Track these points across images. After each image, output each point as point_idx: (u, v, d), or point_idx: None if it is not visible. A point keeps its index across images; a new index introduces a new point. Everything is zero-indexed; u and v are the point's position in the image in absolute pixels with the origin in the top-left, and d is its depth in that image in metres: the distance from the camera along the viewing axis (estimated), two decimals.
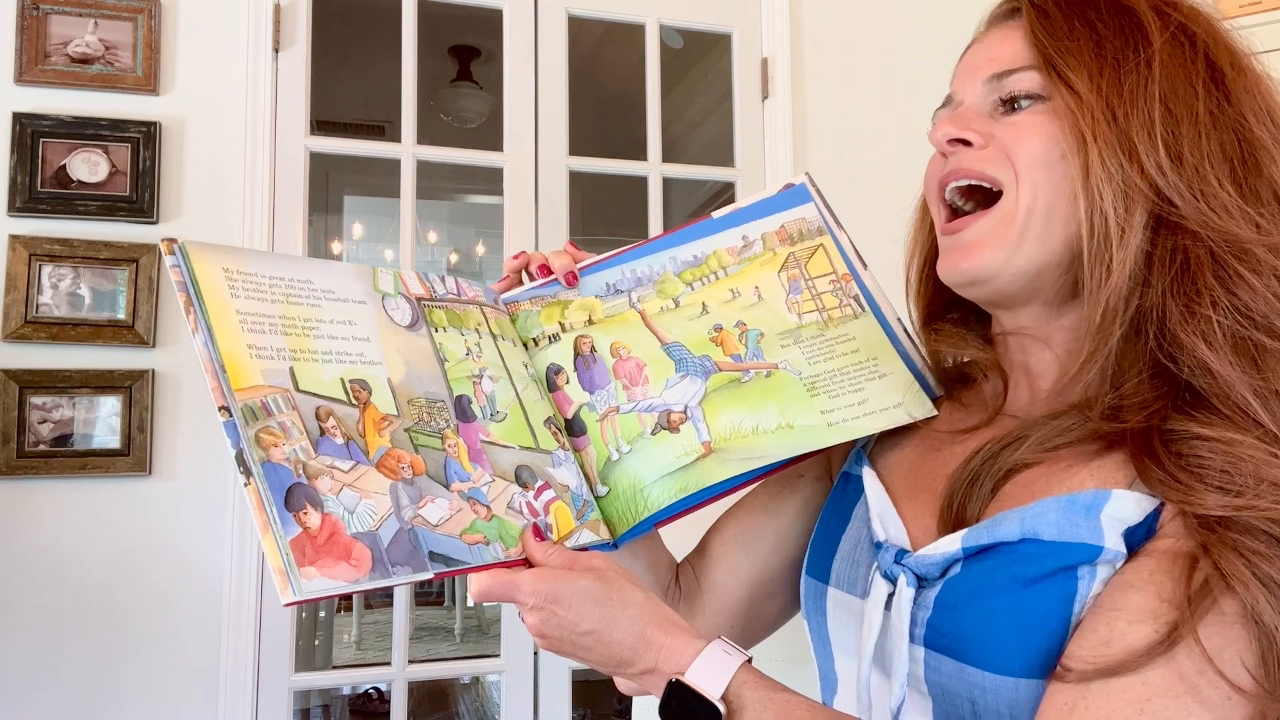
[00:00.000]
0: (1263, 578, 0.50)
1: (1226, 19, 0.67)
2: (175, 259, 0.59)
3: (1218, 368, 0.55)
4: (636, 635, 0.59)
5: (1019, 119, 0.64)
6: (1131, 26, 0.63)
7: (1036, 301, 0.66)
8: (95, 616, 1.67)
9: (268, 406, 0.57)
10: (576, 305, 0.78)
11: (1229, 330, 0.56)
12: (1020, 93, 0.64)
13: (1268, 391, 0.55)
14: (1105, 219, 0.59)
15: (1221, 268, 0.57)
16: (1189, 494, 0.53)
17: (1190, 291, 0.58)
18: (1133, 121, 0.60)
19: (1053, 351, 0.67)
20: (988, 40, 0.69)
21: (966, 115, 0.67)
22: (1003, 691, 0.56)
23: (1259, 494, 0.52)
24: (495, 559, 0.61)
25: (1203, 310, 0.57)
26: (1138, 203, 0.59)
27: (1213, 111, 0.61)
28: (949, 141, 0.67)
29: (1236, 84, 0.62)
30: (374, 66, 2.94)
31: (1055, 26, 0.64)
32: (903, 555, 0.64)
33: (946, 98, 0.71)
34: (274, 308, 0.62)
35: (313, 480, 0.56)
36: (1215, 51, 0.63)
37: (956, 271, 0.67)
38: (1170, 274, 0.59)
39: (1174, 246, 0.59)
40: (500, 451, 0.68)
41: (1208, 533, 0.52)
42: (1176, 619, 0.50)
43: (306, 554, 0.53)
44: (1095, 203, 0.60)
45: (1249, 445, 0.53)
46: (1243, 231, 0.57)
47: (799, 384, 0.74)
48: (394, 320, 0.69)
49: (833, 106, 2.17)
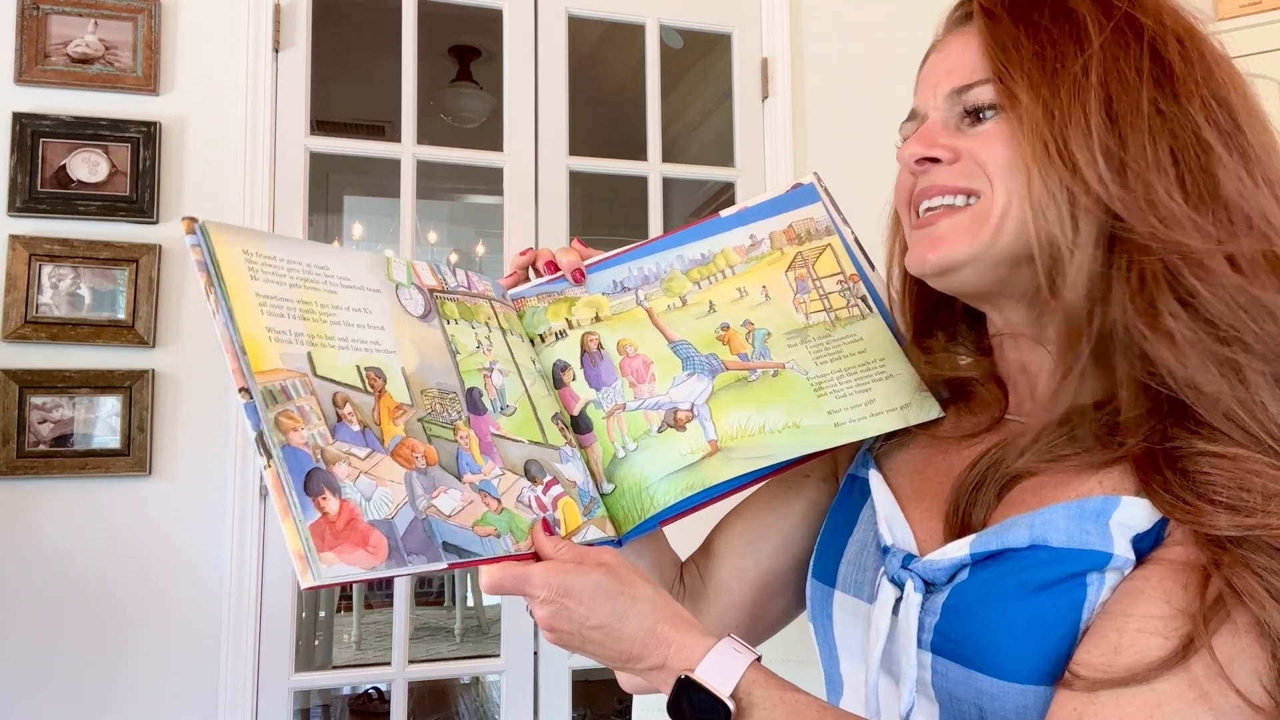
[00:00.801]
0: (1276, 594, 0.49)
1: (1226, 19, 0.65)
2: (196, 238, 0.59)
3: (1196, 379, 0.54)
4: (647, 631, 0.59)
5: (985, 129, 0.63)
6: (1072, 27, 0.60)
7: (1016, 298, 0.65)
8: (95, 616, 1.67)
9: (287, 390, 0.57)
10: (583, 302, 0.78)
11: (1195, 342, 0.55)
12: (984, 104, 0.63)
13: (1252, 402, 0.54)
14: (1054, 241, 0.58)
15: (1177, 280, 0.56)
16: (1199, 515, 0.52)
17: (1150, 306, 0.56)
18: (1071, 132, 0.58)
19: (1048, 350, 0.66)
20: (946, 49, 0.68)
21: (932, 131, 0.65)
22: (1010, 698, 0.55)
23: (1269, 512, 0.51)
24: (506, 552, 0.61)
25: (1165, 324, 0.55)
26: (1086, 220, 0.57)
27: (1160, 111, 0.58)
28: (917, 161, 0.65)
29: (1187, 77, 0.59)
30: (374, 66, 2.94)
31: (1003, 33, 0.62)
32: (910, 560, 0.64)
33: (911, 111, 0.69)
34: (292, 292, 0.61)
35: (331, 466, 0.56)
36: (1164, 42, 0.60)
37: (925, 263, 0.65)
38: (1129, 289, 0.57)
39: (1128, 261, 0.57)
40: (510, 445, 0.67)
41: (1219, 550, 0.51)
42: (1190, 631, 0.50)
43: (325, 539, 0.52)
44: (1040, 224, 0.58)
45: (1256, 461, 0.53)
46: (1193, 241, 0.55)
47: (806, 384, 0.74)
48: (407, 310, 0.69)
49: (833, 106, 2.17)
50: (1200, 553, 0.53)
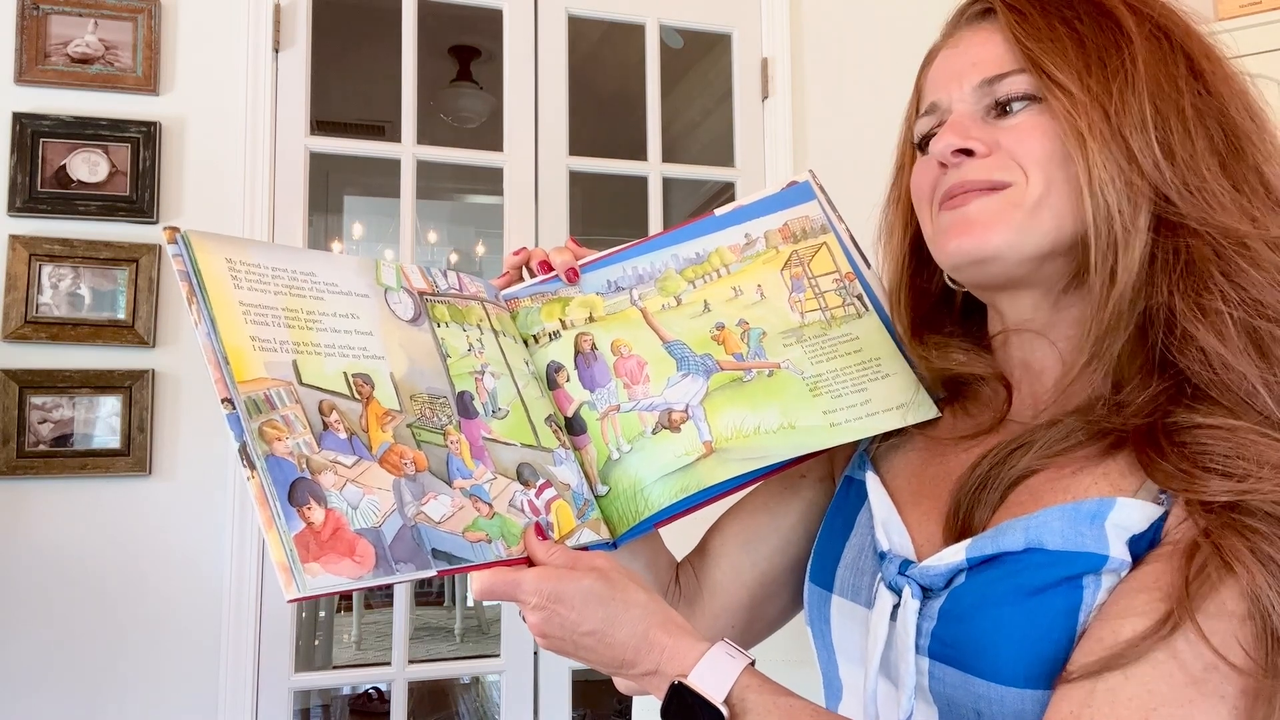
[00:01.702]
0: (1262, 557, 0.50)
1: (1226, 19, 0.67)
2: (178, 248, 0.59)
3: (1231, 360, 0.55)
4: (639, 636, 0.59)
5: (1018, 121, 0.63)
6: (1111, 25, 0.62)
7: (1040, 288, 0.65)
8: (95, 616, 1.67)
9: (271, 399, 0.56)
10: (577, 302, 0.78)
11: (1241, 323, 0.56)
12: (1015, 94, 0.63)
13: (1274, 380, 0.55)
14: (1111, 223, 0.59)
15: (1225, 263, 0.57)
16: (1193, 482, 0.53)
17: (1199, 288, 0.57)
18: (1125, 120, 0.59)
19: (1055, 346, 0.66)
20: (965, 44, 0.67)
21: (963, 123, 0.64)
22: (1008, 702, 0.55)
23: (1261, 478, 0.52)
24: (497, 557, 0.60)
25: (1214, 305, 0.56)
26: (1141, 204, 0.58)
27: (1195, 104, 0.60)
28: (953, 153, 0.64)
29: (1214, 75, 0.62)
30: (374, 66, 2.95)
31: (1034, 28, 0.63)
32: (907, 566, 0.64)
33: (930, 105, 0.68)
34: (277, 299, 0.61)
35: (316, 475, 0.55)
36: (1190, 45, 0.62)
37: (959, 251, 0.63)
38: (1176, 272, 0.58)
39: (1176, 245, 0.58)
40: (502, 449, 0.67)
41: (1210, 516, 0.52)
42: (1174, 607, 0.50)
43: (310, 550, 0.52)
44: (1100, 206, 0.59)
45: (1248, 430, 0.54)
46: (1241, 225, 0.57)
47: (801, 384, 0.74)
48: (396, 314, 0.68)
49: (833, 106, 2.17)
50: (1194, 533, 0.53)
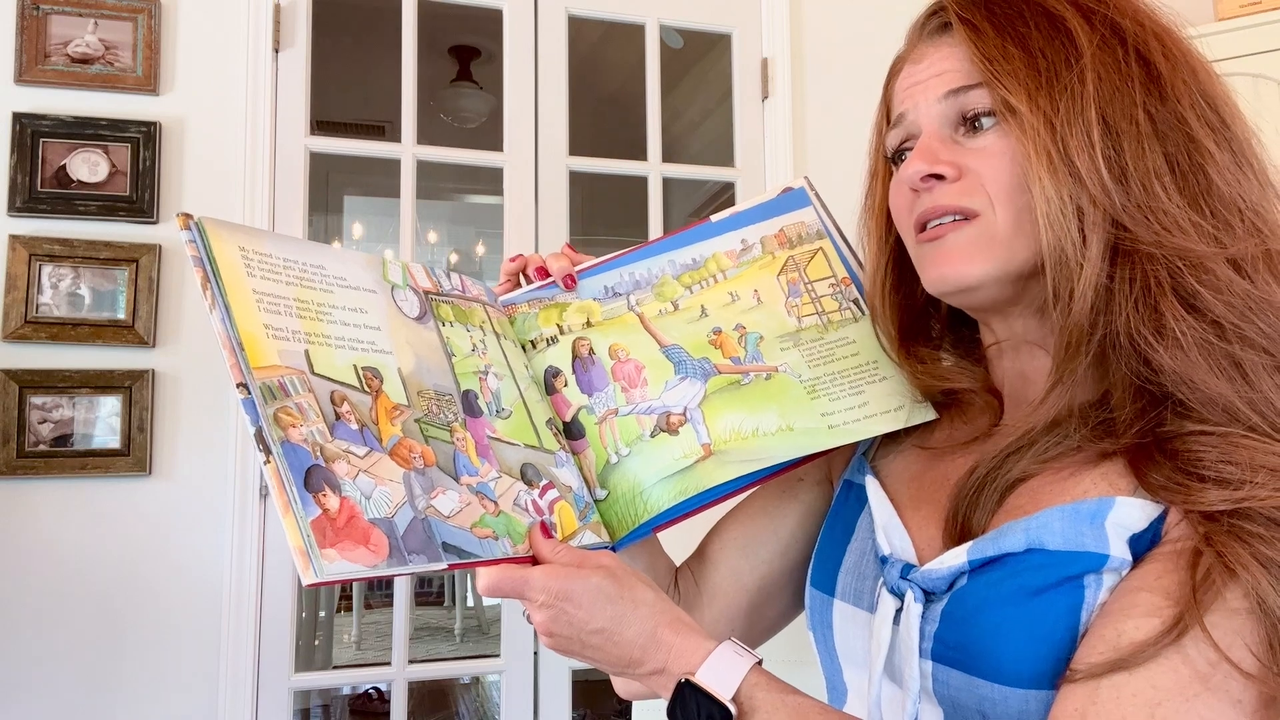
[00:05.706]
0: (1264, 560, 0.49)
1: (1226, 19, 0.66)
2: (191, 234, 0.59)
3: (1199, 382, 0.55)
4: (647, 635, 0.58)
5: (985, 143, 0.62)
6: (1062, 38, 0.60)
7: (1028, 304, 0.65)
8: (95, 616, 1.67)
9: (285, 387, 0.56)
10: (575, 308, 0.78)
11: (1201, 344, 0.55)
12: (981, 110, 0.62)
13: (1255, 397, 0.54)
14: (1062, 252, 0.58)
15: (1180, 285, 0.56)
16: (1189, 493, 0.53)
17: (1154, 312, 0.56)
18: (1071, 142, 0.58)
19: (1050, 355, 0.65)
20: (927, 58, 0.66)
21: (932, 146, 0.64)
22: (1012, 702, 0.55)
23: (1257, 484, 0.51)
24: (504, 554, 0.60)
25: (1171, 329, 0.55)
26: (1094, 232, 0.57)
27: (1151, 115, 0.58)
28: (922, 179, 0.64)
29: (1173, 77, 0.59)
30: (374, 66, 2.94)
31: (989, 44, 0.62)
32: (909, 570, 0.64)
33: (897, 116, 0.68)
34: (289, 290, 0.61)
35: (330, 463, 0.55)
36: (1146, 44, 0.60)
37: (944, 280, 0.64)
38: (1132, 298, 0.57)
39: (1131, 272, 0.57)
40: (506, 448, 0.67)
41: (1210, 523, 0.52)
42: (1181, 611, 0.50)
43: (327, 536, 0.52)
44: (1051, 237, 0.58)
45: (1241, 435, 0.53)
46: (1197, 246, 0.56)
47: (799, 386, 0.74)
48: (403, 312, 0.68)
49: (833, 106, 2.17)
50: (1195, 540, 0.53)
